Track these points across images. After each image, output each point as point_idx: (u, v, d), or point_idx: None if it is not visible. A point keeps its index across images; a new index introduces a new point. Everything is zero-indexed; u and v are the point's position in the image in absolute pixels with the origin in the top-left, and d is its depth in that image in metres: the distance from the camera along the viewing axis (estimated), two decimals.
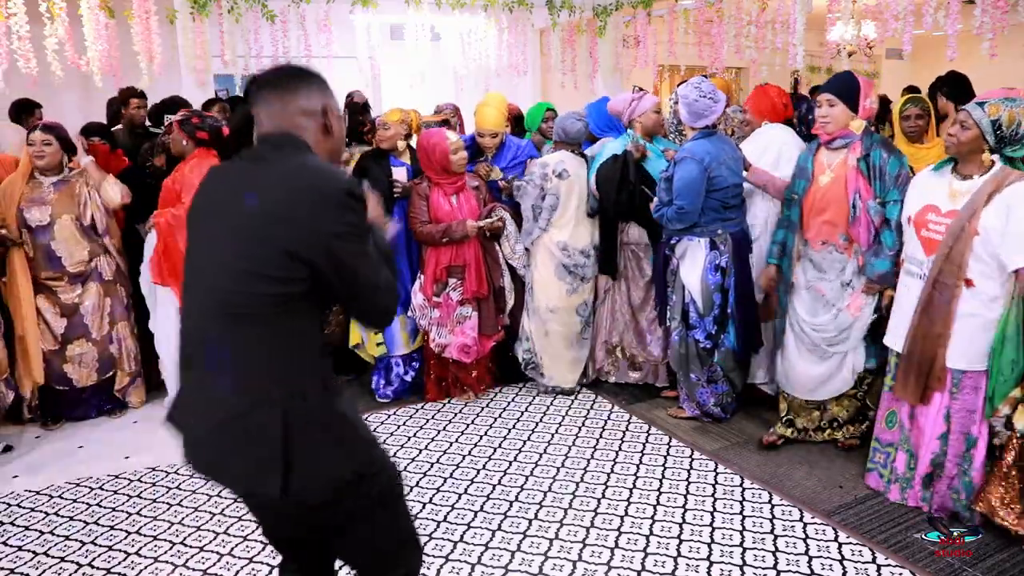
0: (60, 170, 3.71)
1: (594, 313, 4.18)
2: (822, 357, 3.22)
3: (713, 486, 3.11)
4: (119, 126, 4.73)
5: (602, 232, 4.05)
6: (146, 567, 2.66)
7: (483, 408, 3.99)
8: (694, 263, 3.52)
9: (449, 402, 4.07)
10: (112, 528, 2.91)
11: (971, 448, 2.71)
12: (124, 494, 3.17)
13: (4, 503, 3.12)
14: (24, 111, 4.77)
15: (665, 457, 3.39)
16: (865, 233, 3.02)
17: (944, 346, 2.68)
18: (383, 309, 1.58)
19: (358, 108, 4.68)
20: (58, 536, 2.86)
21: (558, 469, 3.30)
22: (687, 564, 2.58)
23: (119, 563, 2.68)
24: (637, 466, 3.31)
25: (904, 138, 3.63)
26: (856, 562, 2.57)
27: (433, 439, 3.63)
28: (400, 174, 3.95)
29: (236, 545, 2.77)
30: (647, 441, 3.55)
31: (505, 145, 4.19)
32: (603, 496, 3.05)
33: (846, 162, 3.04)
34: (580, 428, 3.71)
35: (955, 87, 4.02)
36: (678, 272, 3.59)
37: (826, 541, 2.69)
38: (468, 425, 3.78)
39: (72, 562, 2.69)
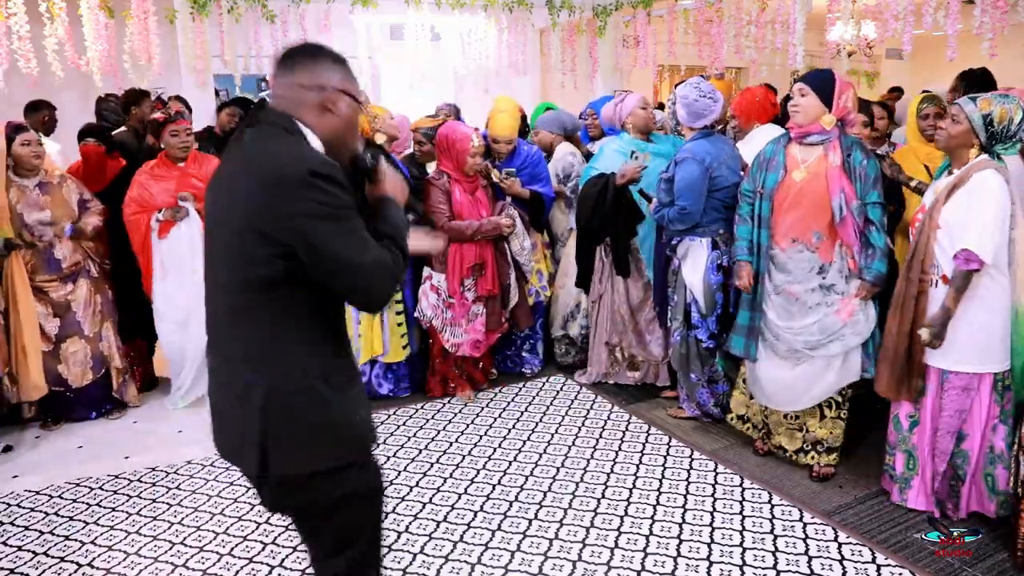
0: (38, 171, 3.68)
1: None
2: (798, 362, 3.06)
3: (713, 486, 3.11)
4: (123, 128, 4.73)
5: (577, 247, 4.14)
6: (146, 567, 2.66)
7: (483, 408, 3.99)
8: (696, 263, 3.51)
9: (449, 402, 4.07)
10: (112, 528, 2.91)
11: (961, 447, 2.73)
12: (124, 494, 3.17)
13: (4, 503, 3.12)
14: (37, 111, 4.80)
15: (665, 457, 3.39)
16: (853, 234, 2.94)
17: (919, 343, 2.67)
18: (370, 288, 1.54)
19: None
20: (58, 536, 2.86)
21: (558, 469, 3.30)
22: (687, 564, 2.58)
23: (119, 563, 2.68)
24: (637, 466, 3.31)
25: (921, 137, 3.60)
26: (856, 562, 2.57)
27: (433, 439, 3.63)
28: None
29: (236, 545, 2.77)
30: (647, 441, 3.55)
31: (516, 150, 4.19)
32: (603, 496, 3.05)
33: (826, 160, 2.95)
34: (580, 428, 3.71)
35: (982, 85, 3.97)
36: (679, 272, 3.59)
37: (826, 541, 2.69)
38: (468, 425, 3.78)
39: (72, 562, 2.69)
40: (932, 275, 2.68)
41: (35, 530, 2.91)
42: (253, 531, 2.86)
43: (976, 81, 3.87)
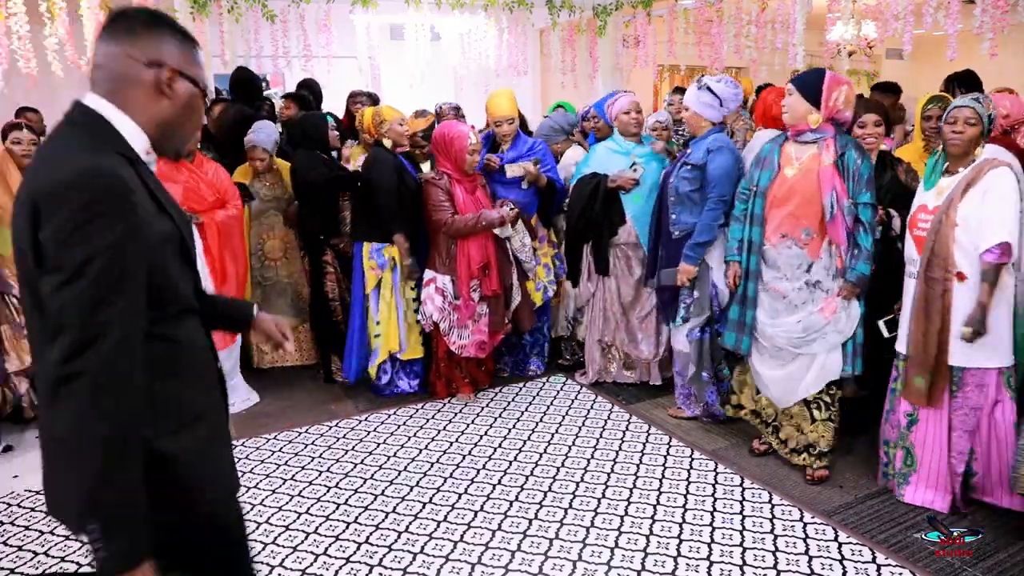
0: None
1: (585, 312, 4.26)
2: (784, 361, 3.09)
3: (713, 486, 3.11)
4: None
5: (566, 244, 4.19)
6: None
7: (483, 408, 3.99)
8: (723, 258, 3.43)
9: (449, 402, 4.07)
10: None
11: (974, 446, 2.74)
12: None
13: (4, 503, 3.12)
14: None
15: (665, 457, 3.39)
16: (842, 233, 2.94)
17: (948, 343, 2.68)
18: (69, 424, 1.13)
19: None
20: (58, 536, 2.86)
21: (558, 469, 3.30)
22: (687, 564, 2.58)
23: None
24: (637, 466, 3.31)
25: (924, 138, 3.59)
26: (856, 562, 2.57)
27: (433, 439, 3.63)
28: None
29: None
30: (647, 441, 3.55)
31: (519, 138, 4.20)
32: (603, 496, 3.05)
33: (819, 158, 2.95)
34: (580, 428, 3.71)
35: (970, 85, 3.97)
36: (703, 268, 3.52)
37: (826, 541, 2.69)
38: (468, 425, 3.78)
39: (72, 562, 2.69)
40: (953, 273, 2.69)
41: (35, 530, 2.91)
42: (253, 531, 2.85)
43: (964, 82, 3.91)
